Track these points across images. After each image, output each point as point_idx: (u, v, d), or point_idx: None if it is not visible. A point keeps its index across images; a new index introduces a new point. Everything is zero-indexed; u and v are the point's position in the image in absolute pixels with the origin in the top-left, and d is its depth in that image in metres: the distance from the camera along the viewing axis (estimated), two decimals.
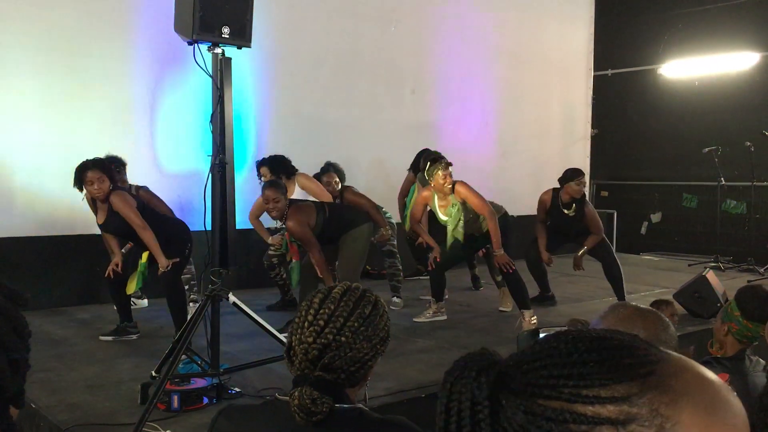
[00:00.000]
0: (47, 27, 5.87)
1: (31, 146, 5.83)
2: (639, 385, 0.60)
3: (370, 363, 1.44)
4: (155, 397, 3.21)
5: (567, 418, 0.60)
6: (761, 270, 7.94)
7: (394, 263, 6.12)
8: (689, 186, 9.88)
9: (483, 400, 0.64)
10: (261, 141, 7.00)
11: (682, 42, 9.76)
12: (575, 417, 0.60)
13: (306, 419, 1.34)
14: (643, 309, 1.65)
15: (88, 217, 5.99)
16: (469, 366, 0.67)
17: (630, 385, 0.60)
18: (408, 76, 8.23)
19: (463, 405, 0.65)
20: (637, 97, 10.46)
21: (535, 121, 9.57)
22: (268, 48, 6.79)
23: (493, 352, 0.70)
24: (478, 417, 0.64)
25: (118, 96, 6.22)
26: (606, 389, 0.60)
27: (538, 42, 9.49)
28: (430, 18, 8.38)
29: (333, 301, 1.44)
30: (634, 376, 0.61)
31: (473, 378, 0.66)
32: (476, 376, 0.66)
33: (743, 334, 2.72)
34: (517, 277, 5.46)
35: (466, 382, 0.66)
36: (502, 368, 0.66)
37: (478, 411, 0.64)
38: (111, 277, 4.82)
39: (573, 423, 0.60)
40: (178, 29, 3.63)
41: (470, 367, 0.67)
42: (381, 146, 8.02)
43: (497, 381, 0.65)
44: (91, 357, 4.46)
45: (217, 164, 3.67)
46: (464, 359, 0.69)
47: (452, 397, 0.66)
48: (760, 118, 8.86)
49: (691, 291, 5.78)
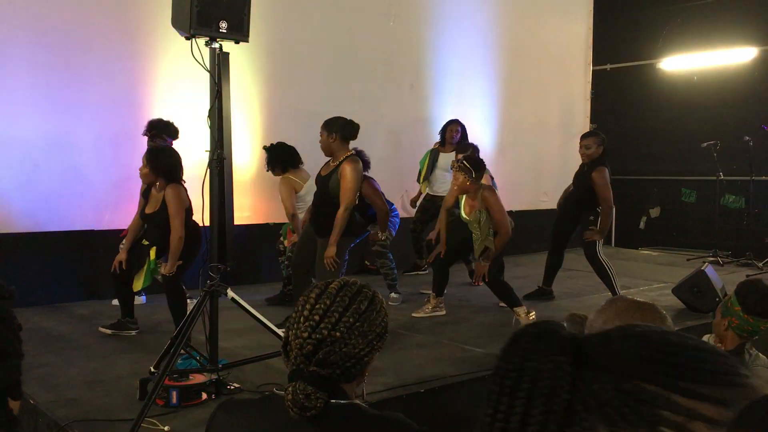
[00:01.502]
0: (44, 22, 5.85)
1: (28, 142, 5.82)
2: (733, 394, 0.61)
3: (366, 359, 1.44)
4: (154, 392, 3.21)
5: (662, 404, 0.60)
6: (760, 264, 7.95)
7: (384, 263, 6.10)
8: (688, 180, 9.88)
9: (564, 372, 0.63)
10: (258, 136, 6.98)
11: (681, 36, 9.74)
12: (671, 405, 0.60)
13: (300, 414, 1.33)
14: (641, 302, 1.66)
15: (86, 213, 6.02)
16: (545, 337, 0.67)
17: (728, 391, 0.62)
18: (406, 70, 8.21)
19: (541, 375, 0.64)
20: (636, 91, 10.44)
21: (534, 115, 9.56)
22: (266, 43, 6.77)
23: (559, 324, 0.69)
24: (557, 386, 0.63)
25: (115, 91, 6.20)
26: (707, 387, 0.61)
27: (536, 36, 9.47)
28: (428, 12, 8.36)
29: (329, 296, 1.43)
30: (732, 383, 0.62)
31: (551, 349, 0.65)
32: (555, 348, 0.65)
33: (743, 328, 2.73)
34: (497, 281, 5.42)
35: (544, 352, 0.65)
36: (580, 343, 0.66)
37: (559, 380, 0.63)
38: (117, 272, 4.81)
39: (667, 410, 0.60)
40: (176, 24, 3.62)
41: (546, 338, 0.67)
42: (379, 141, 8.01)
43: (576, 354, 0.65)
44: (90, 353, 4.46)
45: (215, 159, 3.66)
46: (533, 330, 0.68)
47: (526, 365, 0.65)
48: (759, 113, 8.86)
49: (689, 286, 5.78)
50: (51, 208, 5.94)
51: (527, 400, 0.64)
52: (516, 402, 0.64)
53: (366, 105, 7.81)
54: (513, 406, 0.64)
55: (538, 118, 9.62)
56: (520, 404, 0.64)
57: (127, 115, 6.20)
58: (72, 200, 6.04)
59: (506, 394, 0.65)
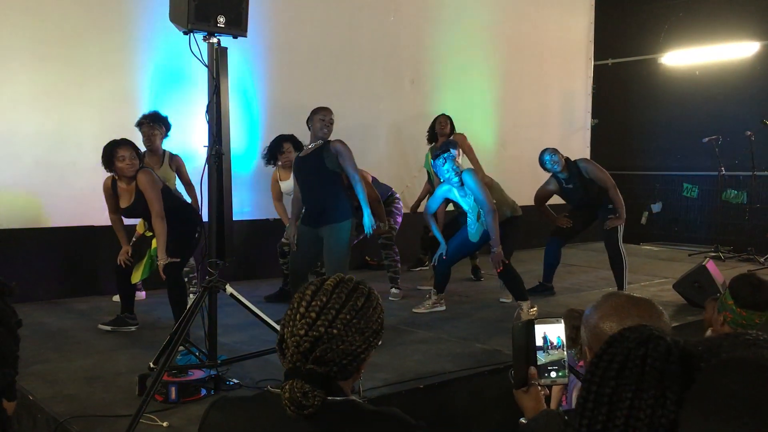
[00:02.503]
0: (44, 18, 5.83)
1: (28, 138, 5.81)
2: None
3: (363, 356, 1.43)
4: (153, 388, 3.20)
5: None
6: (761, 259, 7.93)
7: (389, 254, 6.11)
8: (690, 176, 9.86)
9: (674, 374, 0.67)
10: (258, 131, 6.97)
11: (683, 31, 9.71)
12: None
13: (297, 412, 1.32)
14: (637, 298, 1.64)
15: (86, 209, 6.00)
16: (654, 341, 0.70)
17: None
18: (407, 65, 8.19)
19: (649, 375, 0.68)
20: (638, 86, 10.42)
21: (535, 110, 9.53)
22: (265, 38, 6.75)
23: (662, 330, 0.74)
24: (660, 406, 0.67)
25: (115, 87, 6.19)
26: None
27: (537, 31, 9.44)
28: (429, 7, 8.33)
29: (325, 292, 1.42)
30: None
31: (663, 350, 0.69)
32: (664, 352, 0.69)
33: (737, 322, 2.73)
34: (511, 272, 5.43)
35: (657, 353, 0.69)
36: (684, 347, 0.70)
37: (669, 379, 0.67)
38: (123, 266, 4.79)
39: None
40: (174, 19, 3.60)
41: (655, 340, 0.70)
42: (380, 136, 8.00)
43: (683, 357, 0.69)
44: (89, 348, 4.46)
45: (213, 155, 3.65)
46: (634, 336, 0.72)
47: (632, 362, 0.69)
48: (761, 108, 8.83)
49: (691, 281, 5.78)
50: (50, 203, 5.93)
51: (629, 411, 0.64)
52: (617, 413, 0.64)
53: (366, 100, 7.80)
54: (613, 417, 0.65)
55: (539, 113, 9.60)
56: (622, 415, 0.64)
57: (127, 110, 6.18)
58: (71, 196, 6.03)
59: (605, 403, 0.65)
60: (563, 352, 1.84)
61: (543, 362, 1.83)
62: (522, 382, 1.83)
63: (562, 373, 1.84)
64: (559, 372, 1.84)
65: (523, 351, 1.84)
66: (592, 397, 0.69)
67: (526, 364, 1.83)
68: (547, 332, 1.84)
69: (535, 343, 1.84)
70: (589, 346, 1.64)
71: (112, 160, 4.58)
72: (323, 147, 4.77)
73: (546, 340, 1.84)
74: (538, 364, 1.83)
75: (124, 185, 4.68)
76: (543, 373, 1.83)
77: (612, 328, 1.57)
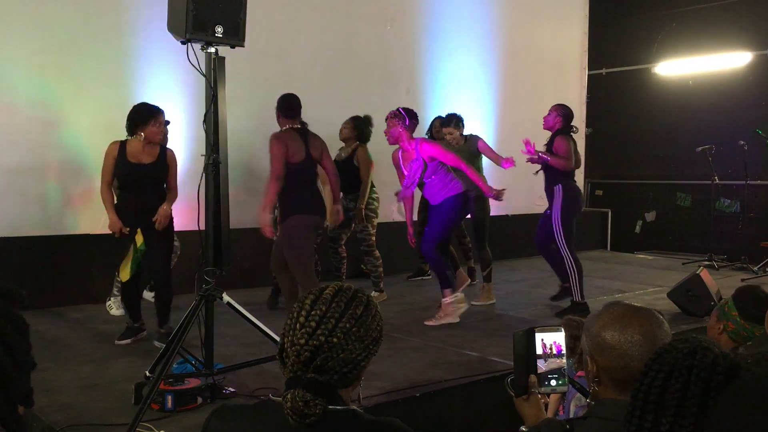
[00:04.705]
0: (41, 27, 5.84)
1: (24, 146, 5.80)
2: None
3: (363, 364, 1.44)
4: (149, 397, 3.20)
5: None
6: (755, 268, 7.96)
7: (370, 260, 6.33)
8: (683, 185, 9.90)
9: (720, 384, 0.70)
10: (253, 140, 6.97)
11: (676, 41, 9.78)
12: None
13: (299, 421, 1.33)
14: (638, 307, 1.66)
15: (80, 217, 6.00)
16: (701, 352, 0.74)
17: None
18: (403, 75, 8.22)
19: (694, 384, 0.71)
20: (632, 96, 10.47)
21: (530, 119, 9.54)
22: (262, 47, 6.77)
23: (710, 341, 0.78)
24: (712, 393, 0.70)
25: (112, 96, 6.19)
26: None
27: (532, 41, 9.50)
28: (425, 17, 8.37)
29: (324, 302, 1.43)
30: None
31: (709, 361, 0.73)
32: (710, 363, 0.72)
33: (739, 333, 2.73)
34: (438, 260, 5.46)
35: (704, 364, 0.72)
36: (733, 358, 0.73)
37: (715, 389, 0.70)
38: (126, 234, 4.65)
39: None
40: (171, 28, 3.62)
41: (702, 351, 0.74)
42: (376, 147, 8.00)
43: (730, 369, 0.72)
44: (85, 357, 4.45)
45: (210, 164, 3.66)
46: (685, 346, 0.76)
47: (678, 372, 0.72)
48: (754, 117, 8.89)
49: (684, 289, 5.79)
50: (46, 211, 5.92)
51: (674, 418, 0.66)
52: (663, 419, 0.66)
53: (362, 109, 7.80)
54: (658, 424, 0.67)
55: (534, 122, 9.62)
56: (667, 422, 0.66)
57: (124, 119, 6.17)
58: (67, 203, 6.02)
59: (651, 411, 0.67)
60: (563, 361, 1.85)
61: (543, 370, 1.84)
62: (522, 390, 1.84)
63: (562, 382, 1.85)
64: (559, 380, 1.85)
65: (524, 359, 1.85)
66: (639, 404, 0.72)
67: (527, 372, 1.84)
68: (547, 340, 1.85)
69: (536, 351, 1.85)
70: (590, 355, 1.65)
71: (146, 121, 4.64)
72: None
73: (546, 348, 1.85)
74: (538, 372, 1.84)
75: (146, 147, 4.70)
76: (543, 381, 1.84)
77: (613, 337, 1.58)
